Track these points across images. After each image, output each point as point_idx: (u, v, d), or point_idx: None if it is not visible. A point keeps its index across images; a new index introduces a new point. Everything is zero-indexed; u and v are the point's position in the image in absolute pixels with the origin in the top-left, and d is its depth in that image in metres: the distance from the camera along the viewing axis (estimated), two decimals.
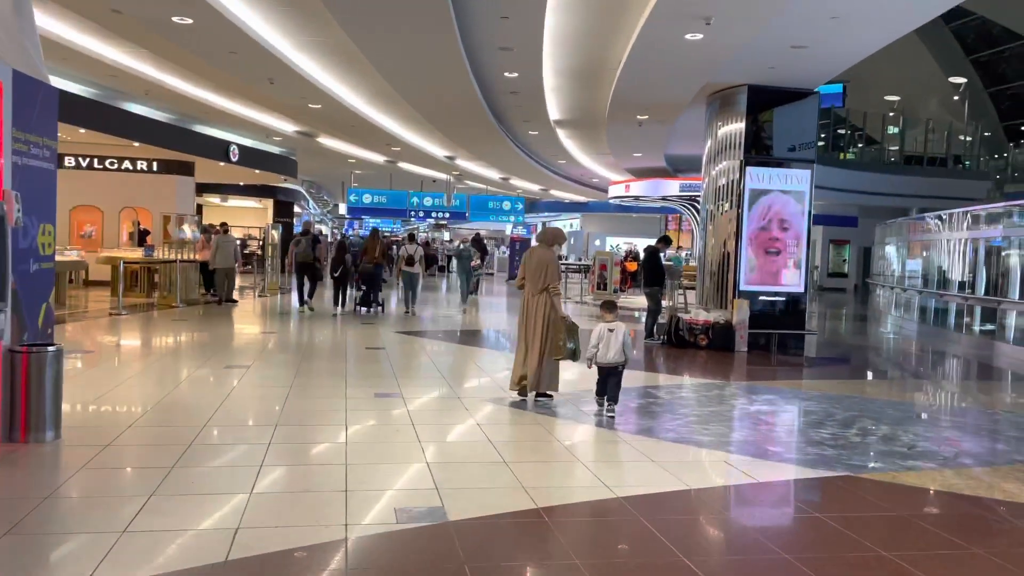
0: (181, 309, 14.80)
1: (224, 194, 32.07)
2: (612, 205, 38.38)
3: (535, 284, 7.17)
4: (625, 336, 6.70)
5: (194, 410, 6.38)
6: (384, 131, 16.68)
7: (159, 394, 6.94)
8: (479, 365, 9.59)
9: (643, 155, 19.13)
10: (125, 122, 15.76)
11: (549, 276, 7.18)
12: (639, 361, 10.84)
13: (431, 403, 7.19)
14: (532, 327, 7.15)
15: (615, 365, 6.68)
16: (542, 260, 7.24)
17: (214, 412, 6.29)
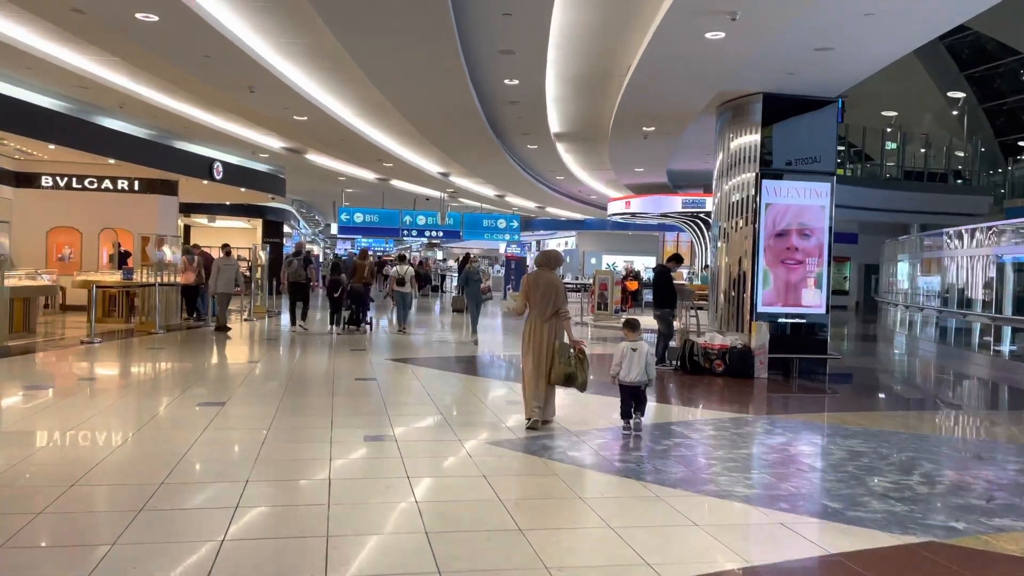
0: (160, 336, 13.90)
1: (211, 214, 31.19)
2: (609, 223, 37.70)
3: (544, 310, 6.85)
4: (648, 356, 6.75)
5: (148, 466, 5.47)
6: (375, 146, 15.84)
7: (110, 445, 6.03)
8: (479, 399, 8.71)
9: (645, 170, 18.38)
10: (100, 138, 14.88)
11: (560, 300, 6.93)
12: (652, 389, 9.98)
13: (428, 448, 6.30)
14: (543, 355, 6.80)
15: (638, 385, 6.73)
16: (551, 284, 6.93)
17: (172, 468, 5.38)
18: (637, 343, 6.77)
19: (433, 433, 6.82)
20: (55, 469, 5.31)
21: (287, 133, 15.75)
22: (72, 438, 6.21)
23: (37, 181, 19.22)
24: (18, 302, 12.97)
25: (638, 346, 6.74)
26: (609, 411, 8.21)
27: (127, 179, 19.46)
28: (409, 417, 7.48)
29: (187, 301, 17.13)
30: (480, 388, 9.50)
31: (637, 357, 6.69)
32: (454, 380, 9.98)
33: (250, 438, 6.33)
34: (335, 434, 6.53)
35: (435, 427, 7.03)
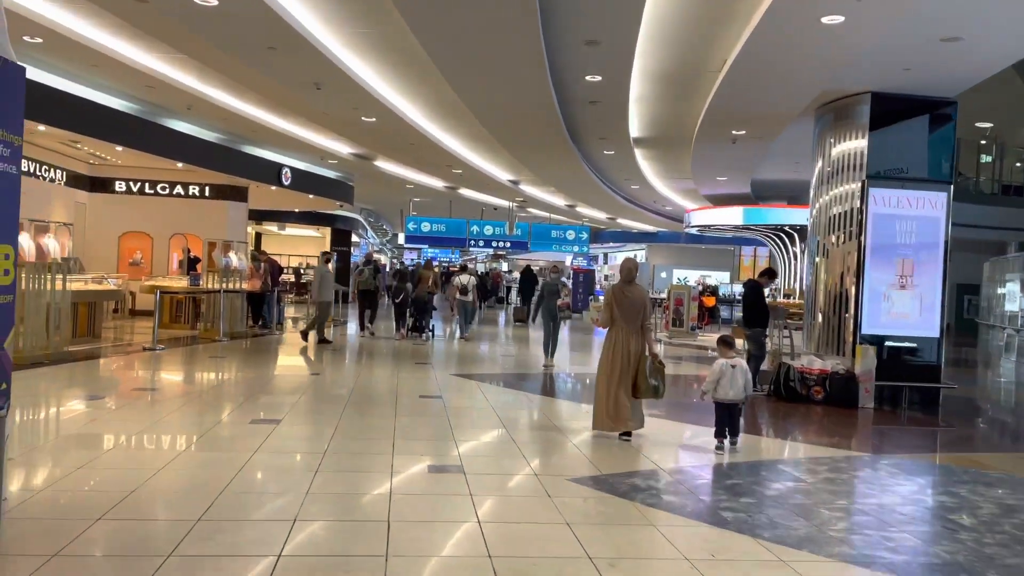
0: (223, 343, 13.53)
1: (281, 222, 31.29)
2: (683, 235, 36.46)
3: (633, 322, 7.00)
4: (746, 373, 6.74)
5: (186, 499, 4.85)
6: (445, 151, 15.21)
7: (154, 466, 5.44)
8: (555, 424, 7.89)
9: (728, 179, 17.31)
10: (168, 141, 14.68)
11: (648, 313, 7.22)
12: (745, 417, 9.00)
13: (500, 484, 5.52)
14: (630, 366, 6.93)
15: (735, 402, 6.68)
16: (640, 298, 7.11)
17: (216, 497, 4.74)
18: (736, 360, 6.74)
19: (506, 465, 6.04)
20: (82, 500, 4.72)
21: (355, 138, 15.30)
22: (109, 459, 5.65)
23: (111, 186, 19.32)
24: (83, 307, 12.77)
25: (736, 363, 6.70)
26: (694, 437, 7.32)
27: (198, 185, 19.40)
28: (478, 445, 6.72)
29: (253, 308, 16.87)
30: (555, 412, 8.68)
31: (736, 374, 6.64)
32: (525, 401, 9.19)
33: (303, 465, 5.67)
34: (397, 462, 5.81)
35: (508, 458, 6.25)
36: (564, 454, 6.56)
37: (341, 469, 5.62)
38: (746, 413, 9.39)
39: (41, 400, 8.13)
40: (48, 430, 6.83)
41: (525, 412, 8.51)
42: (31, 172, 16.18)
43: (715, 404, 6.73)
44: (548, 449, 6.74)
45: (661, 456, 6.49)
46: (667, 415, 8.56)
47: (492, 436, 7.04)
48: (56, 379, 9.22)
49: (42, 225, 10.76)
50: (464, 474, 5.58)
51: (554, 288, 12.30)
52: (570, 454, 6.53)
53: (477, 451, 6.44)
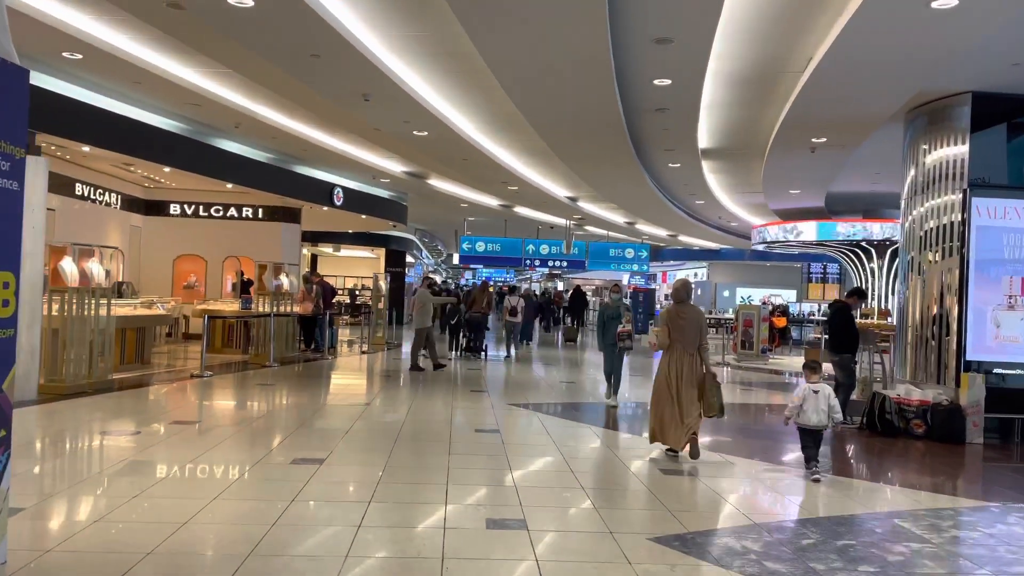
0: (273, 370, 13.06)
1: (336, 243, 31.14)
2: (747, 253, 35.15)
3: (692, 343, 7.15)
4: (831, 398, 6.61)
5: (220, 551, 4.19)
6: (500, 166, 14.55)
7: (181, 517, 4.80)
8: (626, 463, 7.06)
9: (801, 192, 16.26)
10: (216, 161, 14.38)
11: (705, 334, 7.29)
12: (837, 454, 8.02)
13: (573, 547, 4.73)
14: (691, 386, 7.08)
15: (819, 428, 6.57)
16: (697, 318, 7.31)
17: (240, 564, 4.06)
18: (819, 385, 6.62)
19: (575, 519, 5.25)
20: (147, 531, 4.10)
21: (408, 155, 14.78)
22: (129, 508, 5.04)
23: (165, 209, 19.25)
24: (131, 332, 12.44)
25: (820, 388, 6.59)
26: (777, 475, 6.40)
27: (251, 207, 19.20)
28: (543, 492, 5.93)
29: (305, 332, 16.48)
30: (624, 450, 7.84)
31: (820, 399, 6.52)
32: (589, 436, 8.37)
33: (344, 517, 4.97)
34: (451, 515, 5.07)
35: (576, 508, 5.46)
36: (640, 503, 5.74)
37: (386, 523, 4.91)
38: (838, 449, 8.44)
39: (71, 434, 7.66)
40: (74, 469, 6.31)
41: (590, 450, 7.70)
42: (86, 196, 16.12)
43: (799, 430, 6.64)
44: (621, 497, 5.92)
45: (748, 503, 5.62)
46: (742, 448, 7.66)
47: (556, 479, 6.26)
48: (95, 410, 8.77)
49: (86, 249, 10.41)
50: (527, 531, 4.82)
51: (615, 312, 10.27)
52: (646, 504, 5.70)
53: (541, 499, 5.66)
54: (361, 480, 5.96)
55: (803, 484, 6.41)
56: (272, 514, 4.93)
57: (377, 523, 4.88)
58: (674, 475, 6.56)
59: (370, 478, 5.98)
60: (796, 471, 6.84)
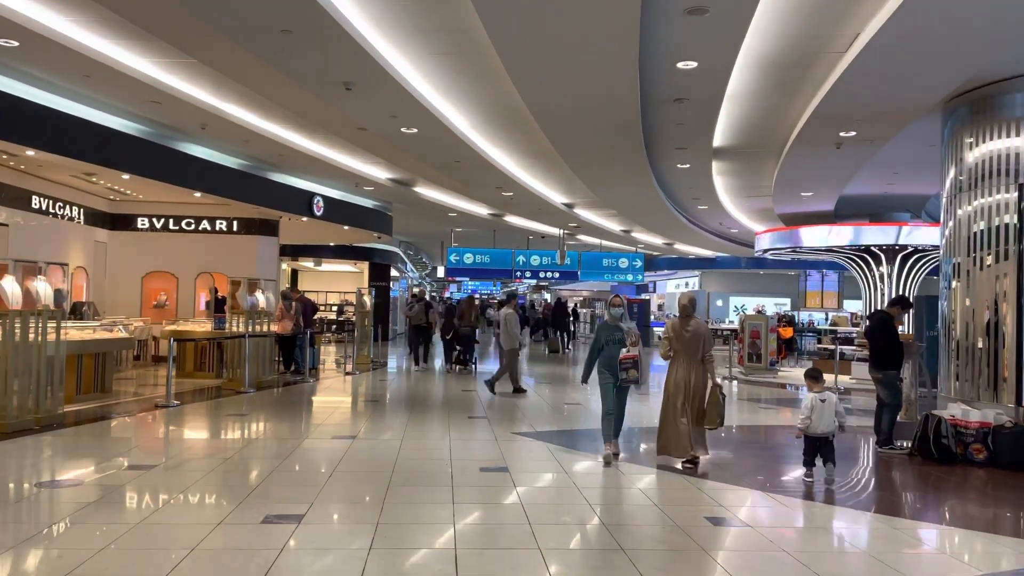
0: (248, 396, 11.86)
1: (317, 257, 29.93)
2: (742, 261, 34.27)
3: (694, 355, 7.30)
4: (837, 404, 6.79)
5: None
6: (496, 168, 13.37)
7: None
8: (661, 510, 5.94)
9: (814, 195, 15.29)
10: (182, 167, 13.13)
11: (708, 345, 7.37)
12: (887, 484, 6.96)
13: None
14: (695, 398, 7.26)
15: (827, 435, 6.72)
16: (700, 331, 7.38)
17: None
18: (825, 393, 6.81)
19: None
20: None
21: (394, 158, 13.64)
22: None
23: (132, 223, 18.02)
24: (88, 358, 11.20)
25: (826, 396, 6.79)
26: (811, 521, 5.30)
27: (225, 219, 17.99)
28: (574, 561, 4.79)
29: (284, 352, 15.28)
30: (658, 491, 6.71)
31: (827, 407, 6.73)
32: (613, 475, 7.25)
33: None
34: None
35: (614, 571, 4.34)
36: (683, 564, 4.62)
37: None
38: (888, 480, 7.41)
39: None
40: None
41: (620, 494, 6.56)
42: (44, 209, 14.87)
43: (805, 438, 6.79)
44: (680, 570, 4.80)
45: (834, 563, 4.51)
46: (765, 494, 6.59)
47: (590, 540, 5.12)
48: (37, 452, 7.56)
49: (30, 266, 9.19)
50: None
51: (616, 336, 7.49)
52: (692, 561, 4.58)
53: (568, 560, 4.53)
54: (347, 544, 4.81)
55: (888, 532, 5.33)
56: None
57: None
58: (717, 508, 5.45)
59: (358, 541, 4.82)
60: (876, 520, 5.76)
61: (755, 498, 6.36)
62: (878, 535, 5.45)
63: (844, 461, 8.30)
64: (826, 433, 6.68)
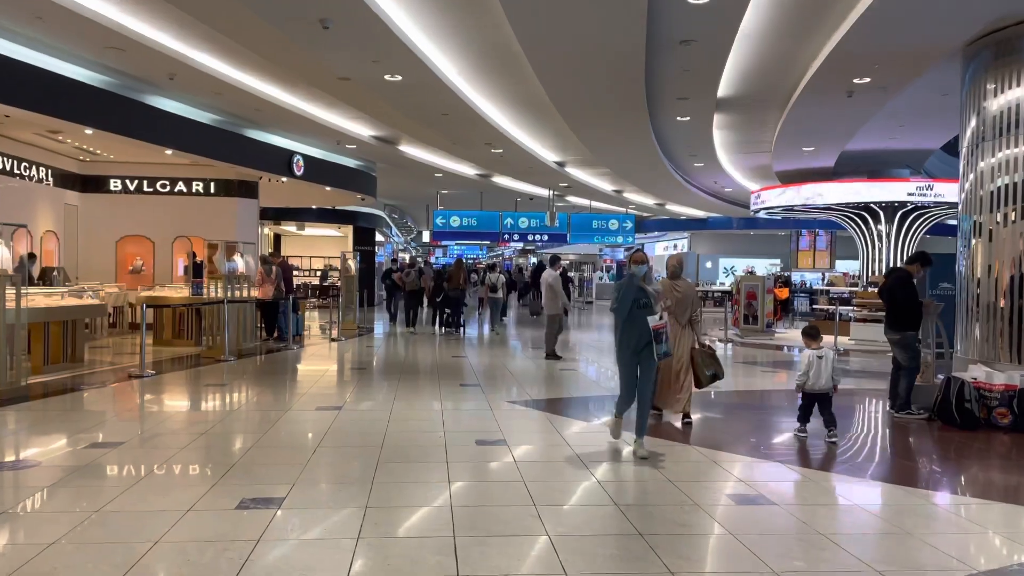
0: (229, 365, 11.28)
1: (300, 221, 29.18)
2: (734, 221, 33.78)
3: (682, 316, 7.29)
4: (835, 361, 6.84)
5: None
6: (485, 121, 12.59)
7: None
8: (687, 495, 5.44)
9: (815, 150, 14.71)
10: (150, 122, 12.32)
11: (696, 306, 7.38)
12: (906, 452, 6.49)
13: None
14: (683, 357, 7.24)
15: (826, 392, 6.77)
16: (688, 292, 7.40)
17: None
18: (823, 350, 6.85)
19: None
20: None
21: (377, 113, 12.90)
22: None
23: (104, 184, 17.25)
24: (55, 326, 10.55)
25: (823, 353, 6.82)
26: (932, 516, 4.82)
27: (202, 180, 17.25)
28: (581, 543, 4.27)
29: (266, 319, 14.69)
30: (681, 470, 6.20)
31: (824, 364, 6.76)
32: (618, 448, 6.76)
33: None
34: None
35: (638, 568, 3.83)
36: (721, 553, 4.12)
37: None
38: (906, 448, 6.97)
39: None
40: None
41: (636, 472, 6.05)
42: (9, 170, 14.09)
43: (803, 395, 6.84)
44: (686, 545, 4.30)
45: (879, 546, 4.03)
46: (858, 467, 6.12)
47: (605, 524, 4.61)
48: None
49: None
50: None
51: (641, 296, 6.09)
52: (730, 552, 4.08)
53: (586, 556, 4.01)
54: (332, 532, 4.27)
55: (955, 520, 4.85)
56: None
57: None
58: (751, 497, 4.96)
59: (347, 529, 4.29)
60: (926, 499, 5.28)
61: (773, 471, 5.88)
62: (908, 508, 4.98)
63: (863, 428, 7.87)
64: (824, 390, 6.73)
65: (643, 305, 6.09)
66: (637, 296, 6.09)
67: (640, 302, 6.09)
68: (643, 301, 6.09)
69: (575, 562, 3.89)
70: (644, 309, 6.07)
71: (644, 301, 6.09)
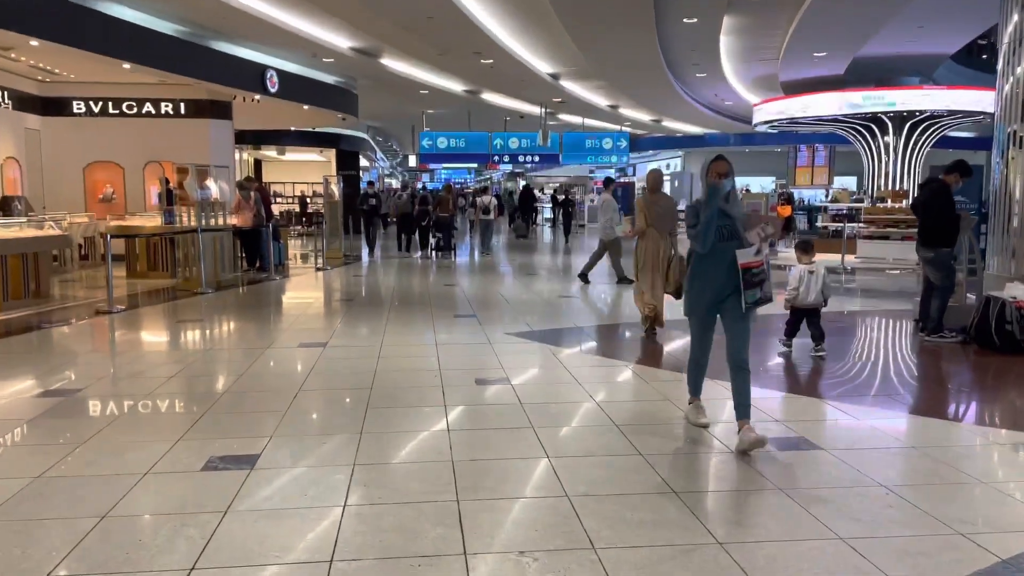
0: (206, 297, 10.57)
1: (280, 145, 27.98)
2: (731, 138, 32.79)
3: (664, 227, 7.47)
4: (825, 276, 6.75)
5: None
6: (476, 27, 11.52)
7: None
8: (726, 443, 4.81)
9: (827, 55, 13.75)
10: (104, 31, 11.17)
11: (675, 219, 7.61)
12: (934, 379, 5.90)
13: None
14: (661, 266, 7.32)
15: (815, 307, 6.69)
16: (669, 205, 7.65)
17: None
18: (814, 265, 6.76)
19: (668, 557, 2.99)
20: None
21: (356, 19, 11.80)
22: None
23: (67, 107, 16.12)
24: (14, 260, 9.74)
25: (815, 268, 6.75)
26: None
27: (171, 101, 16.14)
28: (607, 504, 3.64)
29: (247, 248, 13.91)
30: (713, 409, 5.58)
31: (814, 279, 6.68)
32: (645, 389, 6.12)
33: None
34: (476, 567, 2.80)
35: (665, 534, 3.21)
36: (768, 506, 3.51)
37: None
38: (935, 373, 6.39)
39: None
40: None
41: (663, 413, 5.42)
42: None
43: (791, 310, 6.77)
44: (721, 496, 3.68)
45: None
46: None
47: (635, 478, 3.98)
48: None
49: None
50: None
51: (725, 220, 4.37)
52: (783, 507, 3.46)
53: (625, 537, 3.39)
54: (313, 504, 3.62)
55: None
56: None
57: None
58: (808, 457, 4.34)
59: (331, 496, 3.65)
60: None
61: (805, 405, 5.27)
62: (960, 445, 4.38)
63: (893, 352, 7.28)
64: (813, 305, 6.67)
65: (728, 235, 4.38)
66: (721, 222, 4.36)
67: (724, 231, 4.37)
68: (727, 228, 4.38)
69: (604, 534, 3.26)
70: (730, 241, 4.36)
71: (729, 227, 4.38)
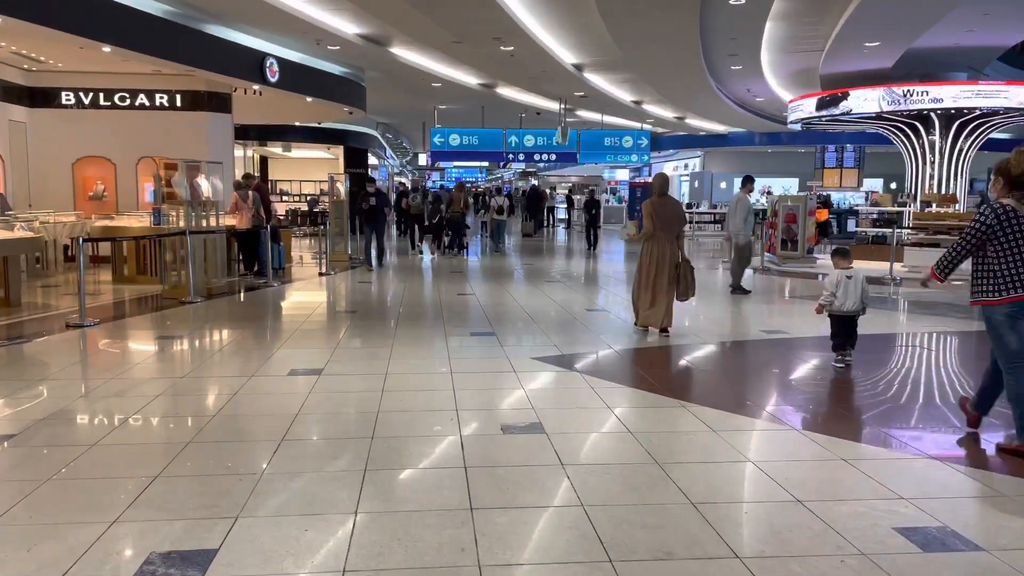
0: (194, 307, 9.50)
1: (286, 141, 26.98)
2: (755, 137, 31.60)
3: (672, 231, 7.50)
4: (865, 284, 6.45)
5: None
6: (497, 5, 10.27)
7: None
8: (815, 511, 3.66)
9: (880, 45, 12.54)
10: (84, 9, 10.10)
11: (682, 223, 7.68)
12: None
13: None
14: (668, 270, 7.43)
15: (855, 314, 6.42)
16: (675, 209, 7.65)
17: None
18: (852, 271, 6.47)
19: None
20: None
21: (364, 2, 10.67)
22: None
23: (56, 98, 15.12)
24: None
25: (853, 273, 6.44)
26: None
27: (166, 92, 15.10)
28: None
29: (245, 251, 12.88)
30: (812, 483, 4.42)
31: (853, 285, 6.37)
32: (711, 441, 4.99)
33: None
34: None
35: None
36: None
37: None
38: None
39: None
40: None
41: (764, 488, 4.26)
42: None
43: (831, 318, 6.50)
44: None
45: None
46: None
47: (701, 549, 2.83)
48: None
49: None
50: None
51: None
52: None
53: None
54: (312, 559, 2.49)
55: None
56: None
57: None
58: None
59: (328, 553, 2.51)
60: None
61: (926, 469, 4.10)
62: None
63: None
64: (852, 312, 6.41)
65: None
66: None
67: None
68: None
69: None
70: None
71: None
